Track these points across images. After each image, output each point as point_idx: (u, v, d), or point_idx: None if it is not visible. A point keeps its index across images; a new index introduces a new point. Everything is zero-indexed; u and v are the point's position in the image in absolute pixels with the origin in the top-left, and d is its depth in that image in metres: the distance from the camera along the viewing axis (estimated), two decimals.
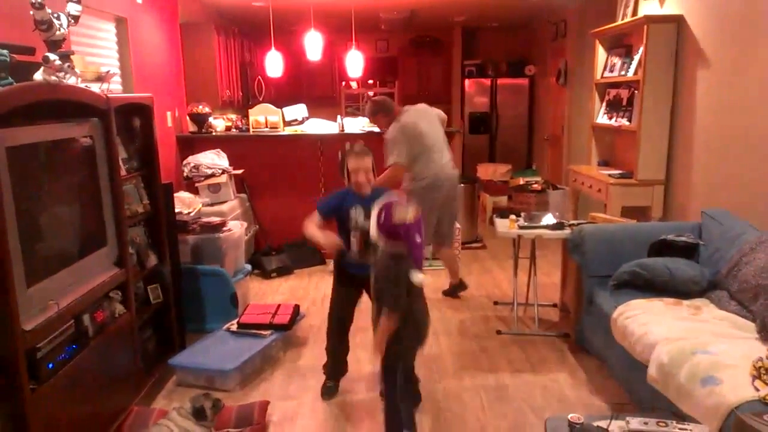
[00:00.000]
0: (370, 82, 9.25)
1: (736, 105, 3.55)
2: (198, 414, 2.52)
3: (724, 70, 3.68)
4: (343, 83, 9.02)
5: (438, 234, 4.44)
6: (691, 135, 4.05)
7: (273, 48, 5.94)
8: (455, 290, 4.64)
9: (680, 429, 1.88)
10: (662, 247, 3.29)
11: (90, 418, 2.50)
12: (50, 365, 2.19)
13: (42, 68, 2.25)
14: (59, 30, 2.38)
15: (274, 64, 5.99)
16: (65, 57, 2.38)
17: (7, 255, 1.95)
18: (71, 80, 2.43)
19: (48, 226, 2.33)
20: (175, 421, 2.49)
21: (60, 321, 2.27)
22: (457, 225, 4.86)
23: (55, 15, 2.37)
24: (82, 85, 2.59)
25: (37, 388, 2.09)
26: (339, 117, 5.99)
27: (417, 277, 2.42)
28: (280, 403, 3.06)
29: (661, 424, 1.90)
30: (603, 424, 1.95)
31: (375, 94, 9.44)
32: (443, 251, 4.59)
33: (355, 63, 6.41)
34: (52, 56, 2.26)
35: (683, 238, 3.31)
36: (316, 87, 9.01)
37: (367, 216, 2.66)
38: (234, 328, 3.64)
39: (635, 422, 1.91)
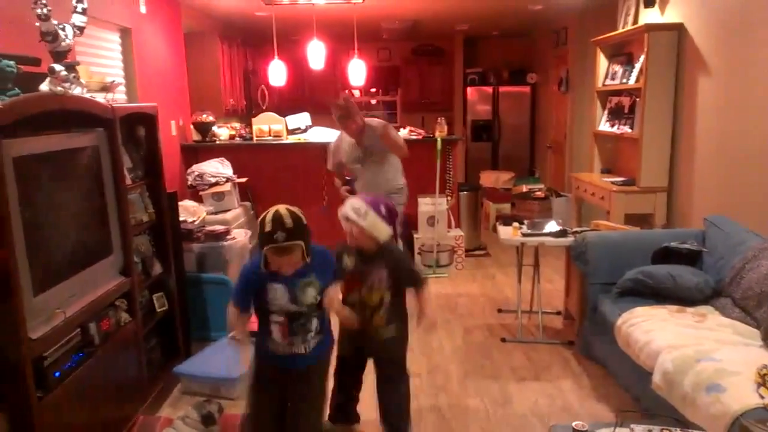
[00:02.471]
0: (373, 90, 9.28)
1: (737, 111, 3.56)
2: (207, 420, 2.53)
3: (725, 77, 3.69)
4: (346, 92, 9.05)
5: None
6: (693, 142, 4.06)
7: (276, 57, 5.98)
8: None
9: None
10: (666, 255, 3.30)
11: (96, 427, 2.51)
12: (57, 374, 2.20)
13: (48, 79, 2.27)
14: (65, 41, 2.41)
15: (277, 73, 6.03)
16: (71, 68, 2.41)
17: (14, 264, 1.96)
18: (77, 90, 2.45)
19: (54, 236, 2.35)
20: (181, 430, 2.49)
21: (66, 329, 2.28)
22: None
23: (61, 26, 2.39)
24: (88, 96, 2.61)
25: (44, 397, 2.10)
26: None
27: None
28: None
29: (665, 431, 1.90)
30: (607, 431, 1.95)
31: (378, 102, 9.51)
32: None
33: (357, 72, 6.44)
34: (57, 67, 2.28)
35: (686, 246, 3.31)
36: (318, 96, 9.03)
37: (292, 299, 2.23)
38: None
39: (639, 429, 1.91)
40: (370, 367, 2.76)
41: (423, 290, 2.60)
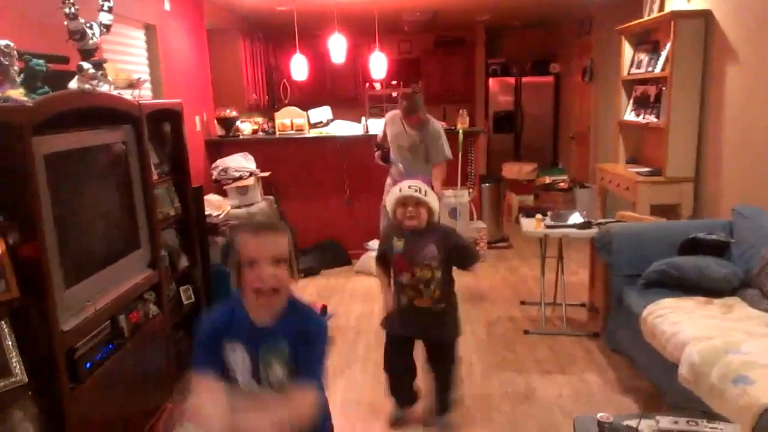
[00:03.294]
0: (394, 83, 9.25)
1: (766, 100, 3.48)
2: None
3: (753, 65, 3.61)
4: (367, 85, 9.05)
5: None
6: (720, 131, 3.99)
7: (298, 51, 6.00)
8: None
9: (711, 428, 1.86)
10: (692, 246, 3.25)
11: (125, 417, 2.57)
12: (88, 365, 2.26)
13: (76, 77, 2.32)
14: (92, 39, 2.46)
15: (298, 68, 6.05)
16: (98, 65, 2.46)
17: (45, 258, 2.02)
18: (104, 88, 2.50)
19: (84, 230, 2.40)
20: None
21: (97, 322, 2.34)
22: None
23: (88, 24, 2.44)
24: (115, 93, 2.66)
25: (76, 387, 2.15)
26: (363, 118, 6.02)
27: None
28: None
29: (691, 423, 1.89)
30: (632, 423, 1.94)
31: (399, 95, 9.47)
32: None
33: (378, 64, 6.43)
34: (86, 65, 2.33)
35: (714, 236, 3.26)
36: (340, 89, 9.05)
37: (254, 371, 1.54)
38: None
39: (665, 421, 1.90)
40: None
41: (476, 265, 2.74)
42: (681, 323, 2.66)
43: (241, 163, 5.18)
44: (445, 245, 2.60)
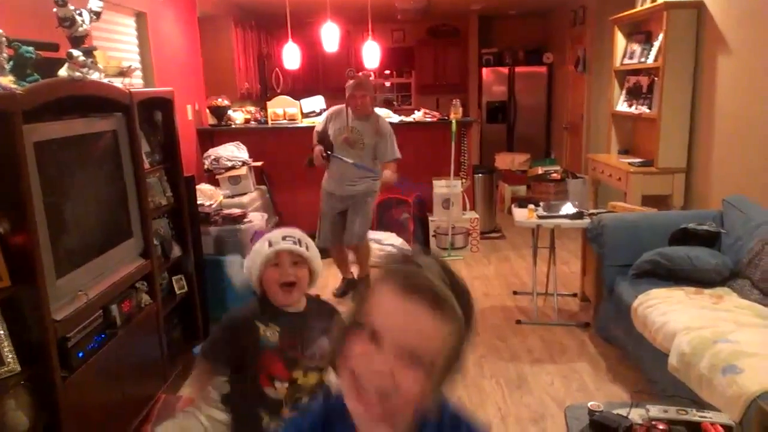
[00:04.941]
0: (387, 72, 9.23)
1: (757, 91, 3.50)
2: (226, 400, 2.57)
3: (745, 56, 3.62)
4: (360, 74, 9.01)
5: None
6: (712, 122, 4.01)
7: (290, 40, 5.96)
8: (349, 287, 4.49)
9: (700, 417, 1.88)
10: (683, 236, 3.27)
11: (118, 406, 2.57)
12: (80, 354, 2.25)
13: (66, 64, 2.30)
14: (82, 26, 2.43)
15: (291, 56, 6.01)
16: (88, 53, 2.43)
17: (36, 247, 2.00)
18: (95, 76, 2.48)
19: (75, 219, 2.39)
20: (201, 409, 2.54)
21: (89, 311, 2.33)
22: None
23: (78, 11, 2.41)
24: (105, 81, 2.64)
25: (68, 377, 2.15)
26: None
27: None
28: None
29: (681, 412, 1.91)
30: (623, 412, 1.96)
31: (392, 85, 9.45)
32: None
33: (371, 54, 6.40)
34: (75, 52, 2.31)
35: (704, 227, 3.28)
36: (333, 78, 8.98)
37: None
38: None
39: (655, 410, 1.92)
40: None
41: None
42: (671, 313, 2.68)
43: (234, 152, 5.16)
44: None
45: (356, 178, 4.17)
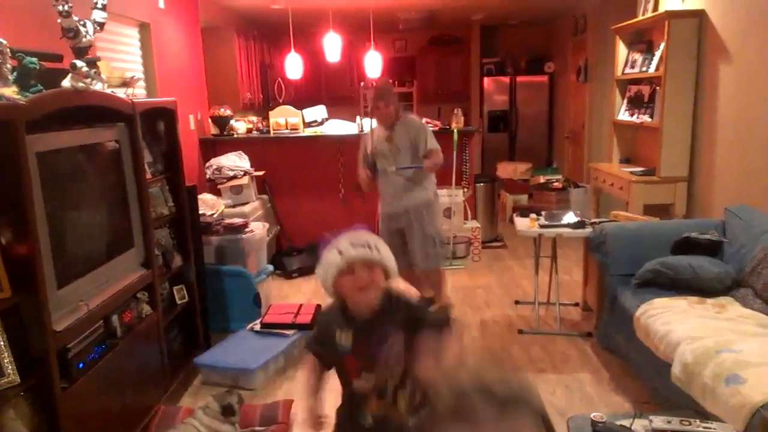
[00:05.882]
0: (389, 81, 9.25)
1: (759, 100, 3.50)
2: (227, 411, 2.57)
3: (747, 65, 3.63)
4: (362, 84, 9.04)
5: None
6: (714, 131, 4.00)
7: (292, 50, 5.99)
8: None
9: (704, 428, 1.87)
10: (686, 245, 3.26)
11: (118, 417, 2.56)
12: (80, 365, 2.25)
13: (70, 75, 2.31)
14: (85, 37, 2.44)
15: (293, 66, 6.05)
16: (92, 63, 2.44)
17: (38, 257, 2.00)
18: (98, 86, 2.49)
19: (77, 229, 2.39)
20: (201, 420, 2.53)
21: (89, 321, 2.33)
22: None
23: (82, 22, 2.42)
24: (109, 91, 2.65)
25: (68, 388, 2.14)
26: (358, 117, 6.01)
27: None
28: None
29: (684, 422, 1.89)
30: (626, 422, 1.95)
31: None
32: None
33: (373, 63, 6.44)
34: (79, 63, 2.32)
35: (707, 236, 3.27)
36: (335, 88, 9.04)
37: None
38: (257, 327, 3.69)
39: (658, 421, 1.90)
40: None
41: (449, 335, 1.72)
42: (674, 323, 2.67)
43: (236, 162, 5.17)
44: (414, 330, 1.67)
45: (405, 189, 3.78)
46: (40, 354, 2.03)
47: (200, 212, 3.85)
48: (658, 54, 4.42)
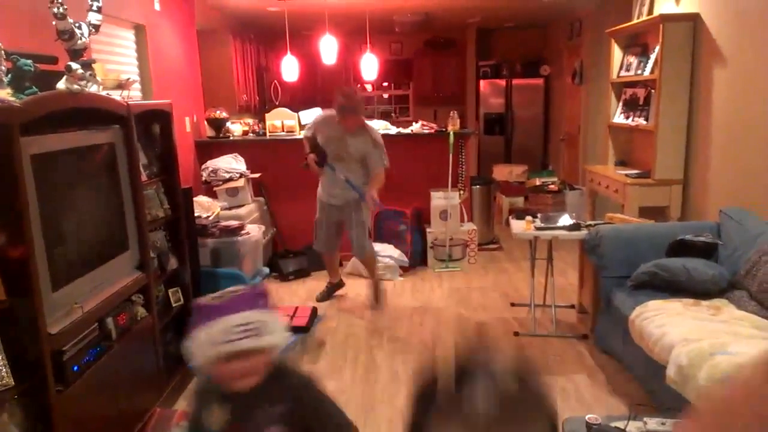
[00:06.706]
0: (385, 84, 9.28)
1: (753, 103, 3.52)
2: None
3: (741, 68, 3.65)
4: (358, 86, 9.06)
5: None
6: (708, 134, 4.02)
7: (288, 52, 5.99)
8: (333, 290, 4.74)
9: None
10: (681, 248, 3.28)
11: (114, 420, 2.55)
12: (75, 368, 2.23)
13: (65, 77, 2.30)
14: (81, 39, 2.43)
15: (289, 69, 6.05)
16: (87, 65, 2.44)
17: (32, 260, 1.99)
18: (93, 88, 2.48)
19: (72, 232, 2.38)
20: None
21: (84, 324, 2.31)
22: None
23: (77, 24, 2.42)
24: (104, 93, 2.64)
25: (63, 391, 2.13)
26: None
27: None
28: None
29: None
30: (621, 424, 1.95)
31: (390, 96, 9.48)
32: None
33: (369, 66, 6.44)
34: (74, 65, 2.31)
35: (702, 238, 3.29)
36: (331, 90, 8.95)
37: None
38: None
39: (653, 423, 1.91)
40: None
41: None
42: (669, 325, 2.67)
43: (231, 164, 5.17)
44: (300, 416, 1.47)
45: (346, 188, 4.22)
46: (35, 357, 2.02)
47: (196, 214, 3.84)
48: (653, 57, 4.44)
